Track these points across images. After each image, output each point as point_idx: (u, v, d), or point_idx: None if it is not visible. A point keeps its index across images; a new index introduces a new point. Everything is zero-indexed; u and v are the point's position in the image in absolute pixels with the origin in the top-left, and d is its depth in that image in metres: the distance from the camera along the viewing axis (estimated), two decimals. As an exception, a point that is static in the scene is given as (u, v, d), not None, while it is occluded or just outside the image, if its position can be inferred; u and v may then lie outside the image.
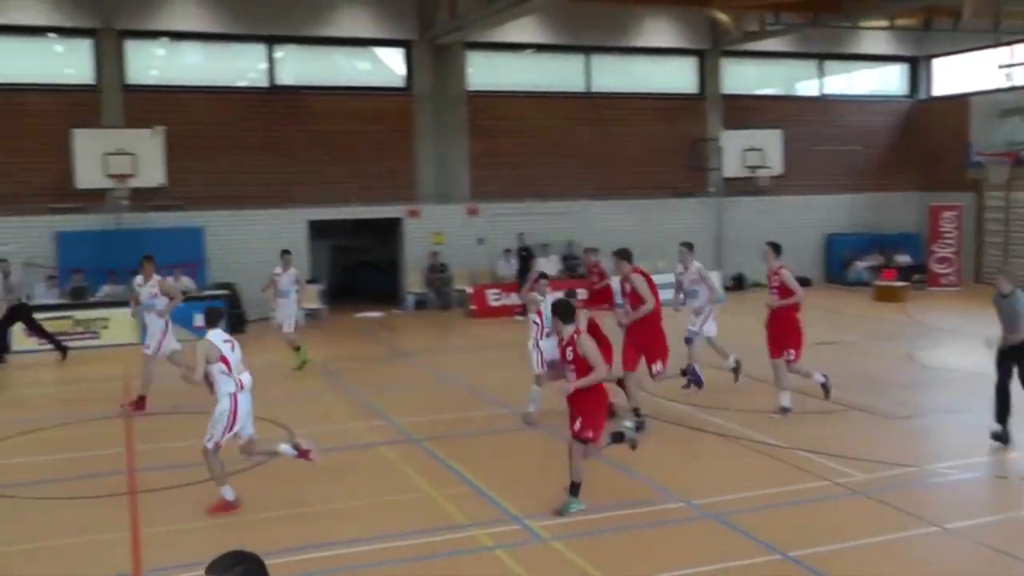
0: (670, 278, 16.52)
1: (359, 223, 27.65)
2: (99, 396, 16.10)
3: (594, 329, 11.47)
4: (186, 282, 23.44)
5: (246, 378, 10.13)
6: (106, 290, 22.92)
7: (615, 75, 29.99)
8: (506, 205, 27.63)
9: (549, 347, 12.81)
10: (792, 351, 13.64)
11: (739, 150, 29.04)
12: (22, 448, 13.08)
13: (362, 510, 10.14)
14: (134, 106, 24.84)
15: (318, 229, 26.55)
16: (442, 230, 27.27)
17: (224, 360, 10.00)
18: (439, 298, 26.82)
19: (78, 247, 23.66)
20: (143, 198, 23.88)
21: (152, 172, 23.41)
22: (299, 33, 26.60)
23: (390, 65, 28.13)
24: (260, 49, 26.60)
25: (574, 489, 9.77)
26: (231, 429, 10.01)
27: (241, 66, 26.94)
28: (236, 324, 22.94)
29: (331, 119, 26.54)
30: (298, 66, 27.38)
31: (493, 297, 25.64)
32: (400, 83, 27.90)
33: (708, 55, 30.74)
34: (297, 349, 17.94)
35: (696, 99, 30.85)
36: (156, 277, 15.33)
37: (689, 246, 15.69)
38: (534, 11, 25.40)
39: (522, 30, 27.65)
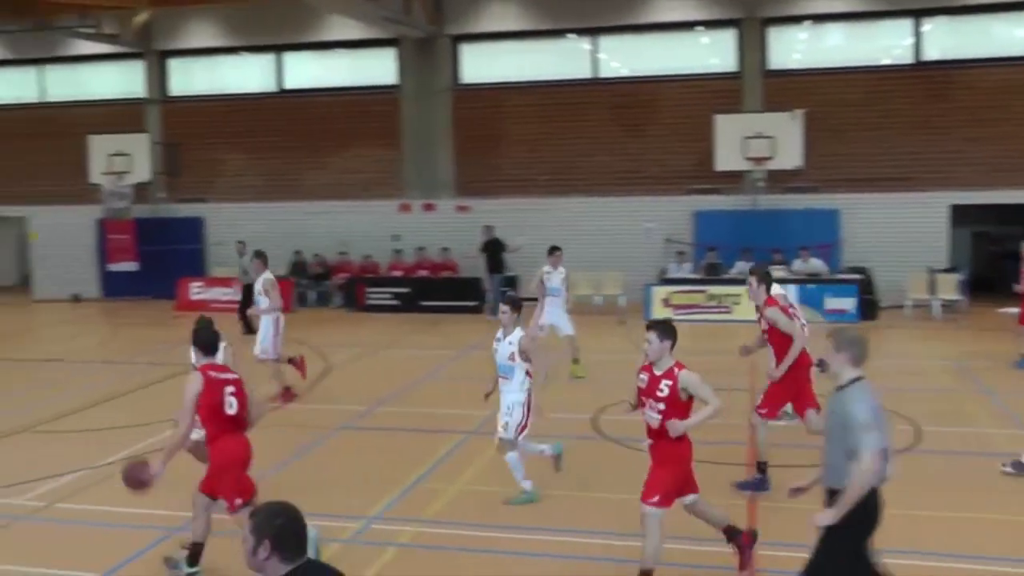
0: None
1: (1007, 208, 25.29)
2: (722, 368, 16.42)
3: None
4: (816, 264, 23.27)
5: None
6: (739, 267, 23.50)
7: None
8: None
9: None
10: None
11: None
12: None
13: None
14: (774, 90, 25.30)
15: (960, 214, 24.79)
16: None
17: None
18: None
19: (714, 226, 24.83)
20: (779, 180, 24.34)
21: (789, 155, 23.77)
22: (951, 3, 25.03)
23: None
24: (906, 24, 25.47)
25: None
26: None
27: (884, 43, 26.00)
28: (868, 310, 22.26)
29: (980, 94, 24.55)
30: (947, 39, 25.75)
31: None
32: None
33: None
34: (576, 361, 16.35)
35: None
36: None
37: None
38: None
39: None
